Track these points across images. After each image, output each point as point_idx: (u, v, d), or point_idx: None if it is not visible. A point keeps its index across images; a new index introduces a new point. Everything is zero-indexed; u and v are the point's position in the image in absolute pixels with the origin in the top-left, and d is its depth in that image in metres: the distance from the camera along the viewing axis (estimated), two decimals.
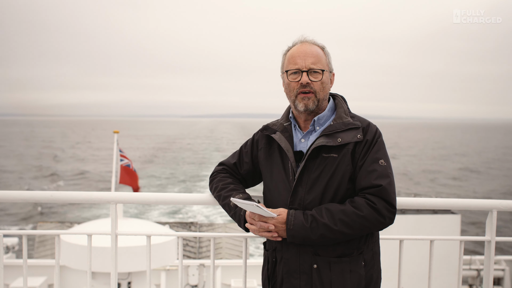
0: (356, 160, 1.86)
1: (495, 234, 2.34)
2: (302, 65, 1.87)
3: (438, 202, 2.39)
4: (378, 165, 1.84)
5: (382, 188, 1.80)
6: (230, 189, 2.04)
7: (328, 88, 1.94)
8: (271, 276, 1.98)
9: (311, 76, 1.87)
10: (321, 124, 1.94)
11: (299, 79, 1.88)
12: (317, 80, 1.88)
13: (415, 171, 38.36)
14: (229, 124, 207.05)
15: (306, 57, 1.88)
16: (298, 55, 1.89)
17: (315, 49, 1.91)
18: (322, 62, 1.90)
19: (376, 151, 1.86)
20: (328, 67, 1.93)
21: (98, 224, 6.55)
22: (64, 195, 2.30)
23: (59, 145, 63.84)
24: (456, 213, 7.29)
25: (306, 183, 1.86)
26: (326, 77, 1.91)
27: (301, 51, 1.90)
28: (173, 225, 9.24)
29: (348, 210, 1.78)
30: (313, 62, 1.87)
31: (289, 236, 1.81)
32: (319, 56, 1.90)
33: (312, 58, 1.88)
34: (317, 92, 1.88)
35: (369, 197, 1.80)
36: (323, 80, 1.89)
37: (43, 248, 8.96)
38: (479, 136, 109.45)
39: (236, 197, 1.95)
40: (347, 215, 1.78)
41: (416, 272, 4.55)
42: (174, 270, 7.61)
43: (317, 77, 1.88)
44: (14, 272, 7.24)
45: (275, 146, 2.00)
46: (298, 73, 1.88)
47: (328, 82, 1.93)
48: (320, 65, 1.88)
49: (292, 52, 1.92)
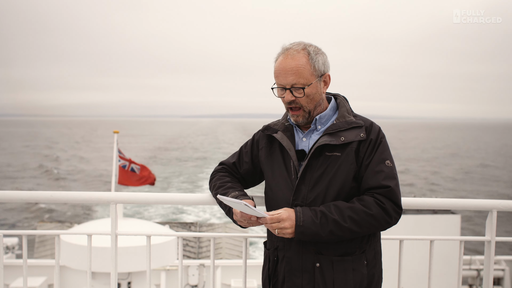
0: (360, 159, 1.86)
1: (495, 234, 2.34)
2: (284, 83, 1.86)
3: (438, 202, 2.39)
4: (384, 166, 1.85)
5: (391, 189, 1.82)
6: (227, 187, 2.04)
7: (318, 96, 1.91)
8: (272, 275, 1.98)
9: (295, 92, 1.86)
10: (323, 123, 1.94)
11: (284, 95, 1.88)
12: (301, 96, 1.87)
13: (415, 170, 38.37)
14: (229, 124, 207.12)
15: (287, 75, 1.85)
16: (279, 73, 1.87)
17: (296, 63, 1.85)
18: (305, 75, 1.85)
19: (382, 151, 1.87)
20: (313, 76, 1.87)
21: (98, 224, 6.56)
22: (64, 195, 2.30)
23: (60, 145, 63.87)
24: (456, 213, 7.29)
25: (309, 181, 1.87)
26: (311, 89, 1.87)
27: (282, 68, 1.86)
28: (173, 225, 9.24)
29: (357, 207, 1.78)
30: (294, 79, 1.84)
31: (298, 233, 1.77)
32: (300, 70, 1.85)
33: (292, 75, 1.84)
34: (304, 106, 1.88)
35: (378, 196, 1.81)
36: (308, 94, 1.87)
37: (43, 248, 8.96)
38: (479, 136, 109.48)
39: (231, 195, 1.95)
40: (356, 213, 1.78)
41: (416, 272, 4.56)
42: (174, 270, 7.62)
43: (301, 93, 1.86)
44: (14, 272, 7.25)
45: (276, 145, 2.01)
46: (283, 89, 1.88)
47: (316, 91, 1.89)
48: (302, 80, 1.85)
49: (276, 67, 1.90)
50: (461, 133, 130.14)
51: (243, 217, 1.85)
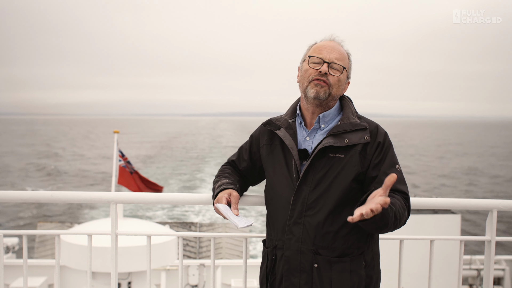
0: (368, 161, 1.86)
1: (495, 234, 2.34)
2: (326, 57, 1.90)
3: (438, 202, 2.39)
4: (396, 170, 1.87)
5: (408, 196, 1.86)
6: (221, 176, 2.13)
7: (342, 88, 1.96)
8: (270, 273, 1.97)
9: (331, 70, 1.90)
10: (326, 122, 1.94)
11: (319, 67, 1.90)
12: (336, 75, 1.90)
13: (415, 170, 38.36)
14: (229, 122, 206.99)
15: (332, 51, 1.91)
16: (325, 47, 1.93)
17: (342, 49, 1.95)
18: (345, 62, 1.94)
19: (392, 155, 1.90)
20: (347, 71, 1.96)
21: (98, 224, 6.56)
22: (64, 195, 2.30)
23: (60, 144, 63.87)
24: (456, 213, 7.29)
25: (311, 182, 1.86)
26: (344, 76, 1.94)
27: (329, 45, 1.93)
28: (173, 225, 9.25)
29: (400, 204, 1.79)
30: (337, 58, 1.91)
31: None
32: (344, 56, 1.94)
33: (337, 54, 1.92)
34: (331, 85, 1.90)
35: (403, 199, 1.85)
36: (341, 78, 1.92)
37: (43, 248, 8.97)
38: (479, 134, 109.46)
39: (220, 182, 2.06)
40: (400, 208, 1.78)
41: (416, 272, 4.55)
42: (174, 270, 7.62)
43: (336, 73, 1.91)
44: (14, 272, 7.25)
45: (277, 143, 2.00)
46: (320, 62, 1.91)
47: (344, 83, 1.96)
48: (342, 63, 1.92)
49: (320, 44, 1.96)
50: (460, 131, 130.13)
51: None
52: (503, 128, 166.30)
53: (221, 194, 2.01)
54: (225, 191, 2.02)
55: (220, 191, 2.03)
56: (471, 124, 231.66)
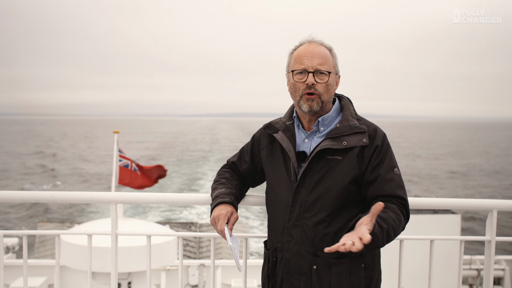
0: (365, 164, 1.85)
1: (495, 234, 2.34)
2: (308, 66, 1.85)
3: (438, 202, 2.39)
4: (394, 174, 1.85)
5: (407, 202, 1.85)
6: (219, 183, 2.09)
7: (333, 90, 1.93)
8: (271, 275, 1.98)
9: (317, 78, 1.85)
10: (326, 125, 1.93)
11: (304, 79, 1.86)
12: (323, 82, 1.86)
13: (415, 170, 38.35)
14: (228, 123, 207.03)
15: (313, 58, 1.85)
16: (305, 55, 1.87)
17: (323, 50, 1.89)
18: (329, 63, 1.88)
19: (390, 158, 1.88)
20: (334, 69, 1.91)
21: (98, 224, 6.56)
22: (64, 195, 2.30)
23: (59, 144, 63.84)
24: (456, 213, 7.28)
25: (309, 184, 1.86)
26: (332, 79, 1.89)
27: (308, 51, 1.87)
28: (173, 225, 9.25)
29: (395, 218, 1.76)
30: (320, 63, 1.85)
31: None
32: (326, 57, 1.88)
33: (319, 59, 1.86)
34: (321, 94, 1.86)
35: (399, 206, 1.82)
36: (329, 82, 1.88)
37: (43, 248, 8.96)
38: (478, 134, 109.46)
39: (217, 192, 2.02)
40: (396, 222, 1.76)
41: (416, 272, 4.55)
42: (174, 270, 7.62)
43: (323, 79, 1.86)
44: (14, 272, 7.24)
45: (277, 145, 2.00)
46: (304, 73, 1.86)
47: (334, 84, 1.92)
48: (326, 67, 1.86)
49: (299, 52, 1.90)
50: (460, 131, 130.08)
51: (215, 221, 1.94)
52: (504, 129, 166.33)
53: (221, 213, 1.94)
54: (224, 208, 1.95)
55: (217, 204, 1.98)
56: (470, 125, 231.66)
